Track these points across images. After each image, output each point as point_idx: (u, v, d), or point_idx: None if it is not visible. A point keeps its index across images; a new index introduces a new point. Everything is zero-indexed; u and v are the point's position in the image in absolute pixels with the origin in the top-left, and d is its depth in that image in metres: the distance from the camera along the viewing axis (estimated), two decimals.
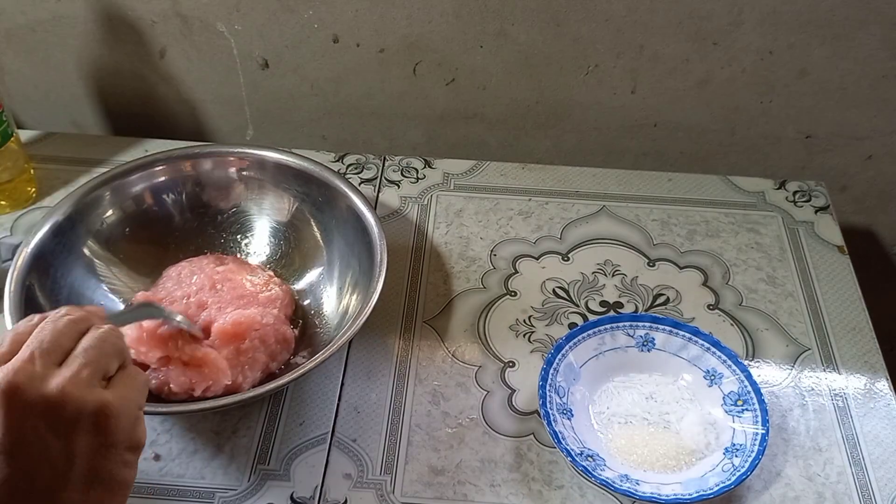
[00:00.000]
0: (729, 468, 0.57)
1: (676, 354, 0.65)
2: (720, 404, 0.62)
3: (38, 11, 0.85)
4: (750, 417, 0.60)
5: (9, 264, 0.63)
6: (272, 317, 0.65)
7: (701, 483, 0.57)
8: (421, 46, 0.84)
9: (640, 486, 0.56)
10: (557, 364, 0.63)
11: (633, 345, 0.65)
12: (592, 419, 0.63)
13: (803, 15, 0.77)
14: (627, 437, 0.61)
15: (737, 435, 0.60)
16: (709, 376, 0.63)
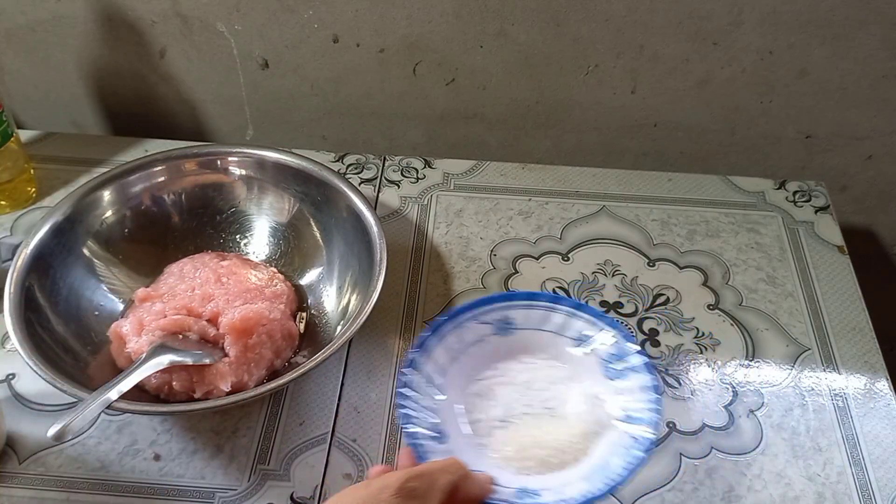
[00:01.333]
0: (629, 442, 0.52)
1: (539, 328, 0.59)
2: (600, 372, 0.57)
3: (38, 11, 0.85)
4: (634, 377, 0.56)
5: (9, 264, 0.63)
6: (279, 312, 0.65)
7: (605, 471, 0.51)
8: (421, 46, 0.84)
9: (541, 495, 0.51)
10: (412, 383, 0.56)
11: (491, 332, 0.59)
12: (470, 432, 0.56)
13: (803, 15, 0.77)
14: (513, 441, 0.55)
15: (627, 400, 0.55)
16: (579, 342, 0.58)
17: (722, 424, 0.64)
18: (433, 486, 0.43)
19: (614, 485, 0.50)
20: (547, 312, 0.60)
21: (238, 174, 0.74)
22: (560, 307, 0.60)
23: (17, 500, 0.59)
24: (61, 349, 0.62)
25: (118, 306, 0.69)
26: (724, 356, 0.69)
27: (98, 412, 0.54)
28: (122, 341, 0.63)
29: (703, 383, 0.67)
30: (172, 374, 0.60)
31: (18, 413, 0.64)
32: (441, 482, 0.44)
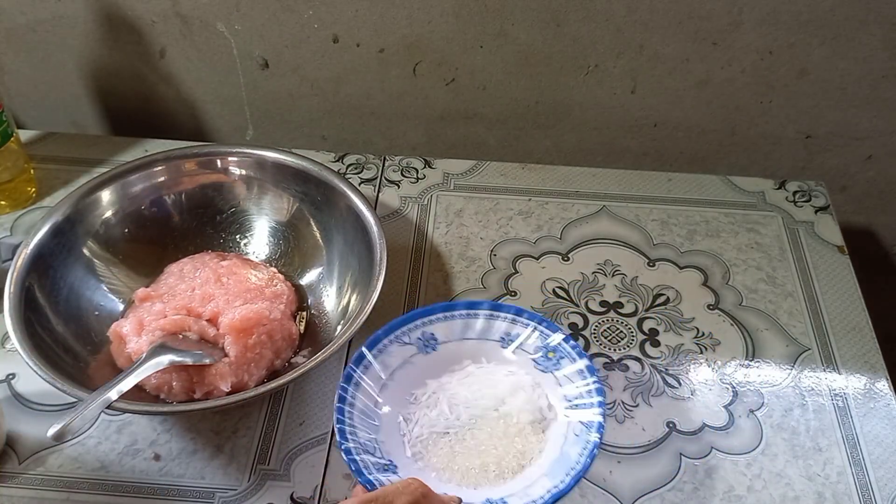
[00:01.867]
0: (580, 429, 0.52)
1: (463, 338, 0.59)
2: (533, 366, 0.57)
3: (38, 11, 0.85)
4: (568, 363, 0.55)
5: (9, 264, 0.63)
6: (279, 312, 0.65)
7: (565, 463, 0.51)
8: (421, 46, 0.84)
9: (509, 502, 0.50)
10: (350, 417, 0.54)
11: (415, 351, 0.59)
12: (417, 454, 0.55)
13: (803, 15, 0.77)
14: (465, 454, 0.53)
15: (566, 388, 0.55)
16: (506, 342, 0.58)
17: (722, 424, 0.64)
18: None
19: (578, 475, 0.49)
20: (467, 320, 0.59)
21: (238, 174, 0.74)
22: (479, 312, 0.59)
23: (17, 500, 0.59)
24: (61, 349, 0.62)
25: (118, 306, 0.69)
26: (724, 356, 0.69)
27: (98, 412, 0.54)
28: (122, 341, 0.63)
29: (703, 383, 0.67)
30: (172, 374, 0.60)
31: (18, 413, 0.64)
32: (399, 503, 0.42)
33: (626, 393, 0.66)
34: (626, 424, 0.64)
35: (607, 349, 0.69)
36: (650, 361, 0.68)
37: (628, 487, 0.60)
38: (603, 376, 0.67)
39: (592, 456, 0.50)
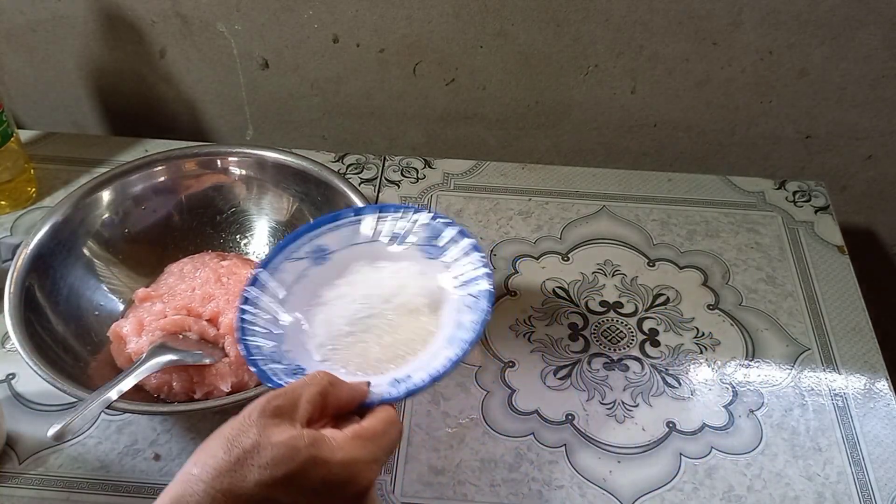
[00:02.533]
0: (472, 301, 0.53)
1: (353, 244, 0.59)
2: (423, 256, 0.57)
3: (38, 11, 0.85)
4: (454, 247, 0.56)
5: (9, 264, 0.63)
6: None
7: (461, 332, 0.52)
8: (421, 46, 0.84)
9: (413, 377, 0.50)
10: (253, 334, 0.54)
11: (308, 265, 0.58)
12: (323, 356, 0.55)
13: (803, 15, 0.77)
14: (368, 346, 0.54)
15: (454, 268, 0.56)
16: (393, 240, 0.58)
17: (722, 424, 0.64)
18: (297, 400, 0.42)
19: (473, 339, 0.51)
20: (354, 226, 0.59)
21: (238, 174, 0.74)
22: (364, 216, 0.59)
23: (17, 500, 0.59)
24: (61, 349, 0.62)
25: (118, 306, 0.69)
26: (724, 356, 0.69)
27: (98, 412, 0.54)
28: (122, 341, 0.63)
29: (703, 383, 0.67)
30: (172, 375, 0.60)
31: (18, 413, 0.64)
32: (306, 394, 0.42)
33: (626, 393, 0.66)
34: (626, 424, 0.64)
35: (607, 349, 0.69)
36: (650, 361, 0.68)
37: (628, 487, 0.60)
38: (603, 376, 0.67)
39: (484, 322, 0.51)
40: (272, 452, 0.39)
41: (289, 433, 0.40)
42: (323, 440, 0.41)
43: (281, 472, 0.39)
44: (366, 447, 0.42)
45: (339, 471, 0.40)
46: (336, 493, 0.40)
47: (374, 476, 0.42)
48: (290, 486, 0.39)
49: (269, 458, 0.39)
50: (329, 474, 0.40)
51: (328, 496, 0.40)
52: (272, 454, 0.39)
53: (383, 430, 0.43)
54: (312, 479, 0.39)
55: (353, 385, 0.46)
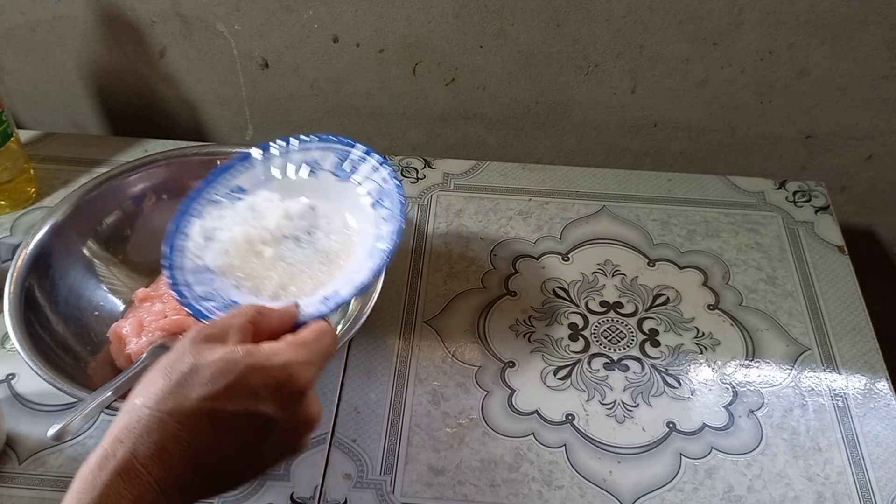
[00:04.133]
0: (387, 213, 0.54)
1: (267, 179, 0.59)
2: (335, 179, 0.58)
3: (38, 11, 0.85)
4: (362, 163, 0.57)
5: (9, 264, 0.63)
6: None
7: (379, 243, 0.53)
8: (421, 46, 0.84)
9: (341, 291, 0.51)
10: (183, 277, 0.54)
11: (228, 205, 0.58)
12: (252, 290, 0.55)
13: (803, 15, 0.77)
14: (294, 272, 0.55)
15: (367, 184, 0.57)
16: (309, 169, 0.59)
17: (722, 424, 0.64)
18: (227, 327, 0.43)
19: (391, 249, 0.52)
20: (265, 164, 0.59)
21: None
22: (273, 153, 0.59)
23: (17, 500, 0.59)
24: (61, 349, 0.62)
25: (118, 306, 0.69)
26: (724, 356, 0.69)
27: (98, 412, 0.54)
28: (122, 342, 0.63)
29: (703, 383, 0.67)
30: None
31: (18, 413, 0.64)
32: (235, 322, 0.44)
33: (626, 393, 0.66)
34: (626, 424, 0.64)
35: (607, 349, 0.69)
36: (650, 361, 0.68)
37: (628, 487, 0.60)
38: (603, 376, 0.67)
39: (400, 232, 0.53)
40: (211, 369, 0.40)
41: (223, 350, 0.42)
42: (257, 349, 0.42)
43: (222, 384, 0.40)
44: (299, 351, 0.44)
45: (277, 373, 0.42)
46: (276, 394, 0.42)
47: (310, 376, 0.44)
48: (233, 395, 0.40)
49: (209, 375, 0.40)
50: (268, 377, 0.42)
51: (270, 398, 0.42)
52: (211, 370, 0.40)
53: (316, 338, 0.46)
54: (253, 385, 0.41)
55: (282, 309, 0.48)
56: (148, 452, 0.38)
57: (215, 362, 0.41)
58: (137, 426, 0.39)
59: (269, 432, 0.42)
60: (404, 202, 0.54)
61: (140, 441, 0.38)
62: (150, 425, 0.39)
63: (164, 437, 0.39)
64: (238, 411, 0.40)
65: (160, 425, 0.39)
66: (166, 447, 0.39)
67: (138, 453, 0.38)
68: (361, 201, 0.57)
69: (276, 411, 0.42)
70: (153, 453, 0.38)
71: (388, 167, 0.57)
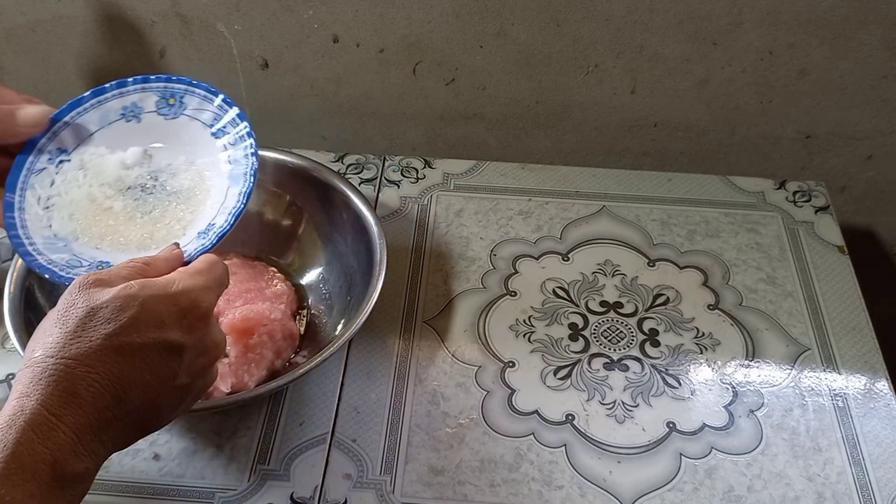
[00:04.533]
0: (233, 139, 0.55)
1: (110, 121, 0.57)
2: (164, 118, 0.57)
3: (38, 11, 0.85)
4: (195, 102, 0.56)
5: (9, 264, 0.63)
6: (280, 312, 0.65)
7: (239, 167, 0.54)
8: (421, 46, 0.84)
9: (215, 223, 0.52)
10: (30, 241, 0.53)
11: (50, 167, 0.56)
12: (114, 245, 0.54)
13: (803, 15, 0.77)
14: (156, 218, 0.54)
15: (219, 125, 0.56)
16: (160, 110, 0.57)
17: (722, 424, 0.64)
18: (114, 275, 0.43)
19: (254, 166, 0.53)
20: (118, 101, 0.57)
21: None
22: (128, 90, 0.57)
23: None
24: None
25: None
26: (724, 356, 0.69)
27: None
28: None
29: (703, 383, 0.67)
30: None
31: None
32: (123, 272, 0.44)
33: (626, 393, 0.66)
34: (626, 424, 0.64)
35: (607, 349, 0.69)
36: (650, 361, 0.68)
37: (628, 487, 0.60)
38: (603, 376, 0.67)
39: (257, 152, 0.54)
40: (109, 307, 0.40)
41: (117, 288, 0.41)
42: (153, 281, 0.43)
43: (124, 318, 0.40)
44: (195, 278, 0.44)
45: (179, 299, 0.42)
46: (181, 320, 0.42)
47: (211, 301, 0.45)
48: (138, 326, 0.40)
49: (109, 313, 0.40)
50: (170, 305, 0.42)
51: (175, 325, 0.42)
52: (110, 308, 0.40)
53: (208, 267, 0.47)
54: (157, 314, 0.41)
55: (165, 255, 0.48)
56: (59, 402, 0.37)
57: (113, 299, 0.40)
58: (43, 377, 0.38)
59: (180, 360, 0.42)
60: (244, 116, 0.54)
61: (48, 392, 0.37)
62: (57, 374, 0.38)
63: (73, 382, 0.38)
64: (146, 342, 0.40)
65: (67, 372, 0.38)
66: (77, 392, 0.38)
67: (48, 404, 0.37)
68: (198, 135, 0.56)
69: (184, 337, 0.42)
70: (64, 401, 0.37)
71: (217, 93, 0.55)
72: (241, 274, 0.68)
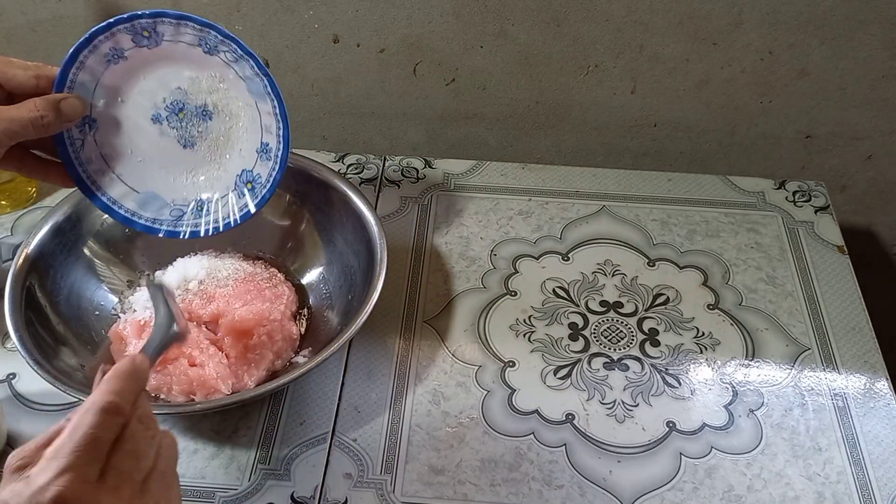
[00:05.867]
0: (248, 74, 0.56)
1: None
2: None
3: (38, 11, 0.85)
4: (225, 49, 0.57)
5: (9, 264, 0.63)
6: (279, 313, 0.65)
7: (259, 99, 0.56)
8: (421, 46, 0.84)
9: (257, 177, 0.57)
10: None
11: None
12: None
13: (803, 15, 0.78)
14: (205, 154, 0.60)
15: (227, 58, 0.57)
16: (113, 58, 0.57)
17: (722, 424, 0.64)
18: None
19: (276, 91, 0.56)
20: (102, 48, 0.57)
21: None
22: (100, 40, 0.57)
23: None
24: (62, 349, 0.62)
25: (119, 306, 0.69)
26: (724, 356, 0.69)
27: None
28: (123, 342, 0.63)
29: (703, 383, 0.67)
30: (172, 377, 0.60)
31: (18, 413, 0.64)
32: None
33: (626, 393, 0.66)
34: (626, 424, 0.64)
35: (607, 349, 0.69)
36: (650, 361, 0.68)
37: (628, 487, 0.60)
38: (603, 376, 0.67)
39: (276, 87, 0.56)
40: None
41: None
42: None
43: None
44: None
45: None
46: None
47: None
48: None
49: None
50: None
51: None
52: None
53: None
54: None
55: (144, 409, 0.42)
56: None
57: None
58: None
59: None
60: (228, 33, 0.54)
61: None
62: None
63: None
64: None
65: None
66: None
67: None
68: (189, 53, 0.56)
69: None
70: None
71: (188, 17, 0.55)
72: (241, 274, 0.68)
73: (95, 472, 0.36)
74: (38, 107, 0.52)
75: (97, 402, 0.38)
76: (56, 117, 0.53)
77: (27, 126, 0.51)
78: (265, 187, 0.61)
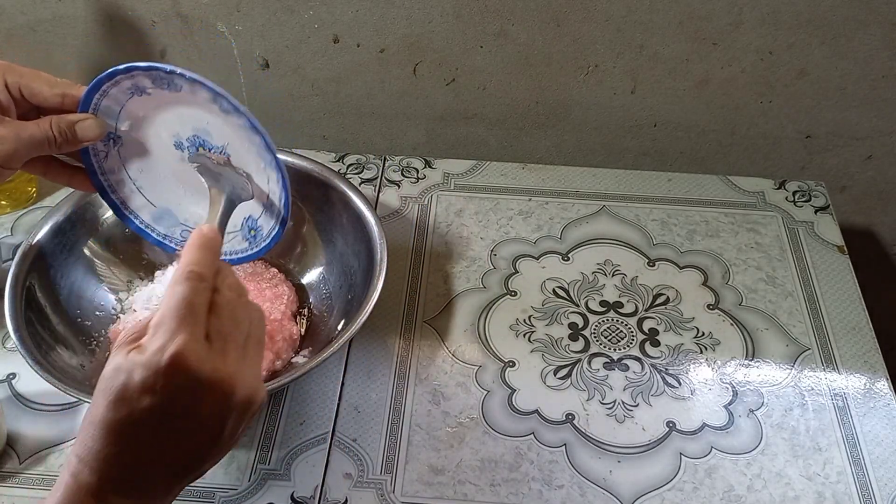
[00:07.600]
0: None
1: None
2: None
3: (38, 11, 0.85)
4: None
5: (9, 264, 0.63)
6: (280, 312, 0.65)
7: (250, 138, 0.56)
8: (421, 46, 0.84)
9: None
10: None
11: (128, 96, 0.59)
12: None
13: (803, 15, 0.78)
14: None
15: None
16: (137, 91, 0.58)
17: (722, 424, 0.64)
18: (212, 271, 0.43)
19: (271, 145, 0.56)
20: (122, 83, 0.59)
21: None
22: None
23: (18, 500, 0.59)
24: (62, 349, 0.62)
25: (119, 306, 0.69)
26: (724, 356, 0.69)
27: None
28: None
29: (703, 383, 0.67)
30: None
31: (18, 413, 0.64)
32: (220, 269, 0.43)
33: (626, 393, 0.66)
34: (626, 424, 0.64)
35: (607, 349, 0.69)
36: (650, 361, 0.68)
37: (628, 487, 0.60)
38: (603, 376, 0.67)
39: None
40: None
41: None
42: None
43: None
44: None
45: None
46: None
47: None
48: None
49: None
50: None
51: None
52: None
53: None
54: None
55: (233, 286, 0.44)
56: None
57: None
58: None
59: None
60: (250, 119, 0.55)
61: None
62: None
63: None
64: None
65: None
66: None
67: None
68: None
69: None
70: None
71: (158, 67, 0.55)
72: (241, 274, 0.68)
73: (202, 332, 0.40)
74: (55, 126, 0.54)
75: (178, 275, 0.41)
76: (72, 137, 0.54)
77: (43, 143, 0.53)
78: (265, 240, 0.59)
